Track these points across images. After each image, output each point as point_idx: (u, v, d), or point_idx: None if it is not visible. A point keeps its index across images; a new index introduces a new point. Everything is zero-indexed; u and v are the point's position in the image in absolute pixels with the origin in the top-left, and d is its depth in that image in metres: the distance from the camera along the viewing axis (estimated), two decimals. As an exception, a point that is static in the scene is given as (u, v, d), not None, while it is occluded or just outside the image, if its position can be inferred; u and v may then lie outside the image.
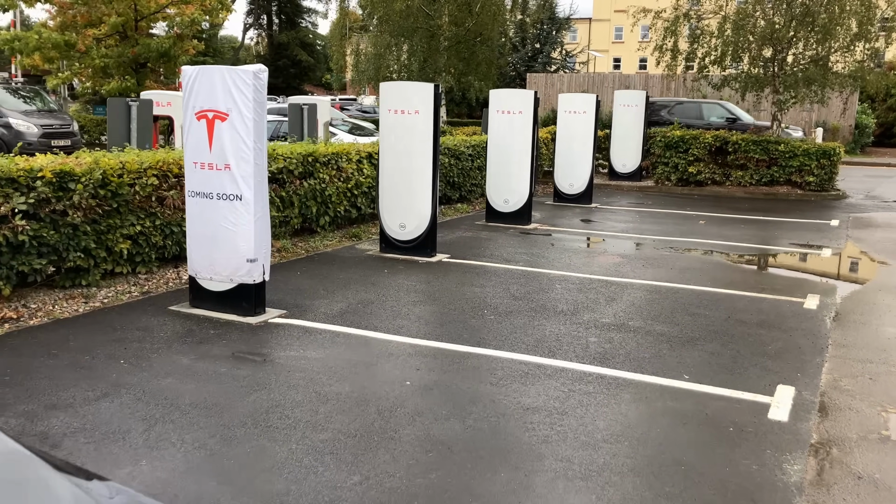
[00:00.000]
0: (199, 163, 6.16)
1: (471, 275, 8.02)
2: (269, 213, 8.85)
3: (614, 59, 71.94)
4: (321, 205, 9.75)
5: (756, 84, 16.24)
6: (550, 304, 6.84)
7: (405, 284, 7.52)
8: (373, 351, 5.48)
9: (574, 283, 7.74)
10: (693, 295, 7.34)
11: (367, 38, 19.74)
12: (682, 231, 11.21)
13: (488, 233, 10.77)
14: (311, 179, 9.50)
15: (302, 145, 9.69)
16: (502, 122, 11.24)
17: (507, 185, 11.37)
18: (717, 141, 15.91)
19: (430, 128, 8.55)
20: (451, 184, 13.06)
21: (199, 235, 6.32)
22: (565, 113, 13.79)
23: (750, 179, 15.80)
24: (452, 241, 9.97)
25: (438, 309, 6.66)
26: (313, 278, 7.71)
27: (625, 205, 14.22)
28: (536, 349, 5.55)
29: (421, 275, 7.98)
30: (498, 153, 11.34)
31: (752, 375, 5.15)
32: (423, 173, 8.66)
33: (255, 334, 5.81)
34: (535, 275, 8.09)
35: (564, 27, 34.41)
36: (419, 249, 8.83)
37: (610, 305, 6.86)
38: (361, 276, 7.85)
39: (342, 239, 9.85)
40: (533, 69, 32.26)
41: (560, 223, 11.81)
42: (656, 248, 9.84)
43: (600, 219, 12.46)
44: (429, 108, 8.52)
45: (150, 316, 6.24)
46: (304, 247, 9.26)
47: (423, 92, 8.54)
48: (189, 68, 6.14)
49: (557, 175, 14.06)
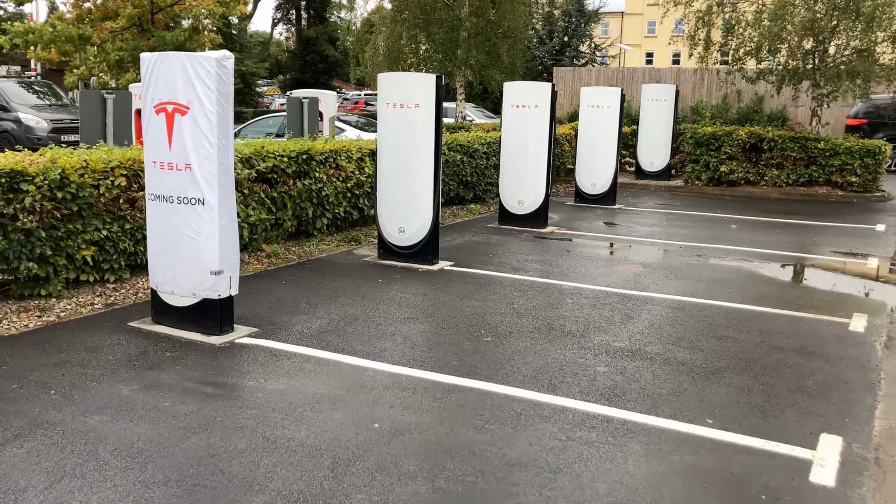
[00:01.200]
0: (158, 162, 5.47)
1: (473, 286, 7.25)
2: (260, 215, 8.22)
3: (647, 53, 70.48)
4: (317, 206, 9.03)
5: (794, 77, 15.21)
6: (558, 324, 6.05)
7: (398, 297, 6.77)
8: (345, 381, 4.74)
9: (588, 296, 6.93)
10: (721, 313, 6.49)
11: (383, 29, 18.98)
12: (712, 236, 10.31)
13: (499, 237, 9.98)
14: (305, 179, 8.79)
15: (296, 142, 8.98)
16: (517, 118, 10.44)
17: (521, 185, 10.57)
18: (751, 138, 14.92)
19: (431, 123, 7.79)
20: (465, 183, 12.28)
21: (159, 244, 5.63)
22: (588, 107, 12.93)
23: (786, 179, 14.79)
24: (459, 246, 9.20)
25: (429, 328, 5.90)
26: (298, 288, 6.99)
27: (651, 206, 13.32)
28: (535, 381, 4.77)
29: (418, 286, 7.22)
30: (512, 151, 10.54)
31: (789, 420, 4.31)
32: (423, 174, 7.90)
33: (214, 358, 5.10)
34: (545, 287, 7.29)
35: (594, 19, 33.33)
36: (419, 256, 8.08)
37: (626, 325, 6.04)
38: (352, 286, 7.12)
39: (340, 243, 9.13)
40: (560, 63, 31.27)
41: (579, 226, 10.98)
42: (682, 255, 8.98)
43: (623, 222, 11.59)
44: (430, 101, 7.76)
45: (106, 333, 5.57)
46: (297, 252, 8.56)
47: (424, 84, 7.78)
48: (147, 55, 5.45)
49: (579, 174, 13.21)
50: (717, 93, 25.53)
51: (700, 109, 25.44)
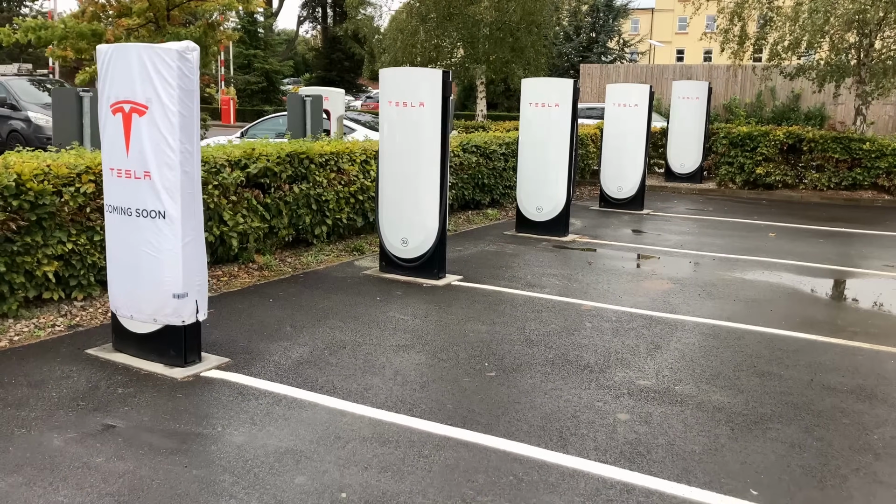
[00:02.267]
0: (116, 169, 4.79)
1: (481, 305, 6.49)
2: (252, 223, 7.54)
3: (677, 50, 69.02)
4: (316, 213, 8.33)
5: (837, 73, 14.22)
6: (574, 354, 5.27)
7: (395, 319, 6.03)
8: (316, 430, 4.02)
9: (610, 319, 6.14)
10: (762, 341, 5.66)
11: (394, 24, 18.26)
12: (748, 247, 9.44)
13: (516, 246, 9.20)
14: (303, 183, 8.09)
15: (294, 143, 8.29)
16: (536, 117, 9.65)
17: (540, 189, 9.78)
18: (789, 138, 13.96)
19: (437, 124, 7.05)
20: (481, 187, 11.52)
21: (117, 262, 4.95)
22: (614, 106, 12.10)
23: (827, 182, 13.81)
24: (470, 257, 8.45)
25: (426, 359, 5.16)
26: (286, 307, 6.29)
27: (682, 211, 12.44)
28: (543, 434, 4.01)
29: (419, 305, 6.49)
30: (530, 152, 9.75)
31: (854, 491, 3.50)
32: (429, 179, 7.16)
33: (172, 397, 4.41)
34: (563, 307, 6.51)
35: (622, 15, 32.35)
36: (424, 270, 7.34)
37: (652, 357, 5.25)
38: (346, 305, 6.40)
39: (341, 253, 8.42)
40: (588, 59, 30.36)
41: (603, 234, 10.16)
42: (716, 269, 8.13)
43: (652, 229, 10.75)
44: (436, 99, 7.02)
45: (57, 363, 4.91)
46: (292, 263, 7.87)
47: (430, 80, 7.03)
48: (103, 47, 4.77)
49: (604, 176, 12.38)
50: (751, 90, 24.50)
51: (733, 108, 24.42)
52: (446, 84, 7.03)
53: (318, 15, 76.71)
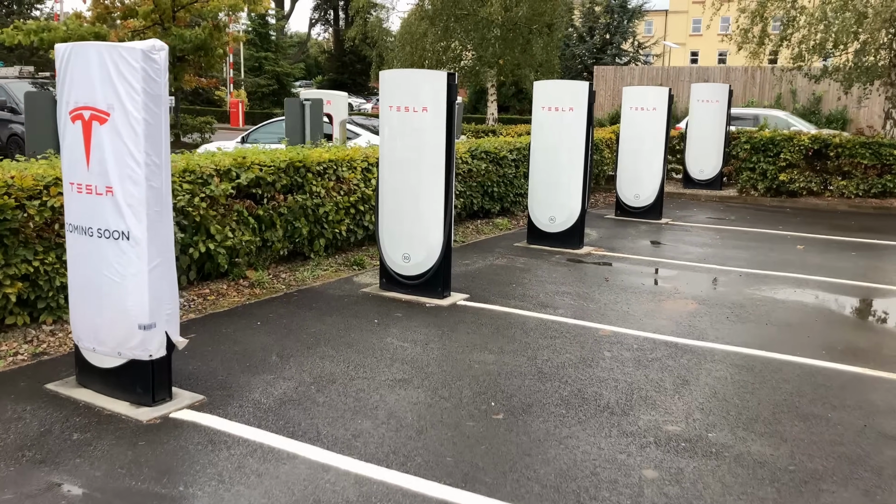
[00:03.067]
0: (76, 184, 4.26)
1: (489, 329, 5.92)
2: (242, 237, 7.00)
3: (691, 52, 68.28)
4: (314, 224, 7.79)
5: (866, 75, 13.55)
6: (592, 391, 4.69)
7: (393, 347, 5.47)
8: (293, 491, 3.46)
9: (630, 347, 5.55)
10: (804, 376, 5.06)
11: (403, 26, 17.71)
12: (776, 260, 8.81)
13: (527, 259, 8.62)
14: (299, 193, 7.56)
15: (290, 150, 7.75)
16: (549, 121, 9.08)
17: (553, 198, 9.20)
18: (815, 143, 13.30)
19: (441, 130, 6.48)
20: (490, 195, 10.95)
21: (79, 288, 4.42)
22: (631, 109, 11.50)
23: (855, 190, 13.15)
24: (478, 272, 7.87)
25: (425, 396, 4.59)
26: (274, 332, 5.74)
27: (702, 220, 11.82)
28: (556, 497, 3.43)
29: (420, 329, 5.92)
30: (542, 159, 9.17)
31: (933, 579, 2.91)
32: (432, 190, 6.60)
33: (133, 446, 3.86)
34: (578, 332, 5.93)
35: (637, 16, 31.68)
36: (428, 288, 6.77)
37: (680, 395, 4.66)
38: (341, 328, 5.84)
39: (340, 268, 7.87)
40: (602, 61, 29.72)
41: (620, 246, 9.56)
42: (744, 286, 7.53)
43: (671, 240, 10.14)
44: (440, 103, 6.45)
45: (11, 400, 4.37)
46: (287, 279, 7.33)
47: (433, 83, 6.47)
48: (62, 46, 4.23)
49: (620, 184, 11.78)
50: (770, 93, 23.82)
51: (752, 111, 23.71)
52: (451, 87, 6.46)
53: (331, 17, 76.42)
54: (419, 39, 16.49)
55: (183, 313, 6.14)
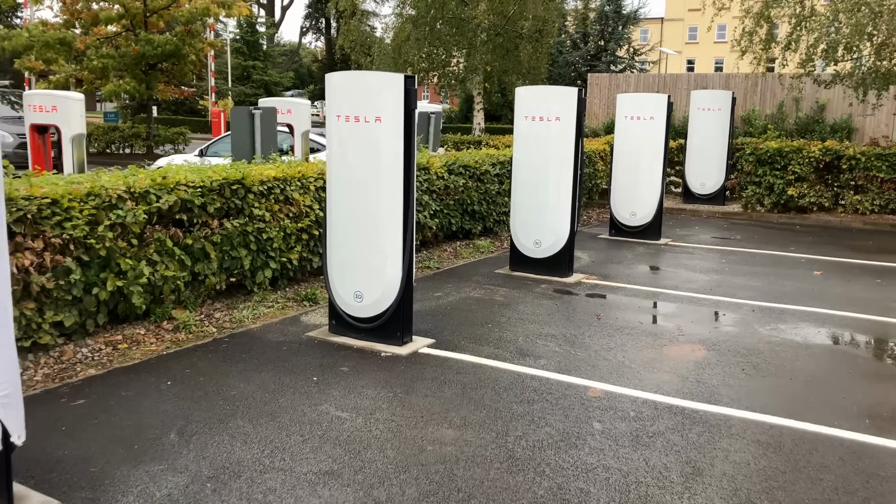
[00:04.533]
0: None
1: (453, 390, 4.81)
2: (165, 272, 5.89)
3: (688, 60, 67.57)
4: (257, 254, 6.69)
5: (881, 81, 12.51)
6: (576, 488, 3.58)
7: (329, 419, 4.35)
8: None
9: (627, 415, 4.44)
10: (846, 457, 3.95)
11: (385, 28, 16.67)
12: (792, 291, 7.73)
13: (508, 290, 7.52)
14: (237, 218, 6.45)
15: (226, 167, 6.64)
16: (533, 132, 8.00)
17: (538, 220, 8.11)
18: (826, 155, 12.25)
19: (397, 144, 5.39)
20: (471, 213, 9.86)
21: None
22: (626, 119, 10.44)
23: (870, 205, 12.09)
24: (450, 308, 6.77)
25: (354, 501, 3.46)
26: (184, 396, 4.62)
27: (705, 241, 10.74)
28: None
29: (368, 390, 4.80)
30: (526, 176, 8.10)
31: None
32: (389, 215, 5.50)
33: None
34: (563, 392, 4.82)
35: (632, 22, 30.70)
36: (385, 332, 5.66)
37: (691, 494, 3.55)
38: (268, 391, 4.73)
39: (288, 304, 6.76)
40: (596, 69, 28.71)
41: (615, 273, 8.47)
42: (758, 324, 6.43)
43: (672, 265, 9.05)
44: (396, 112, 5.36)
45: None
46: (222, 320, 6.21)
47: (389, 87, 5.38)
48: None
49: (615, 201, 10.70)
50: (772, 100, 22.81)
51: (753, 119, 22.73)
52: (410, 92, 5.37)
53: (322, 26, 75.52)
54: (402, 44, 15.44)
55: (81, 369, 5.04)
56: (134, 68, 20.65)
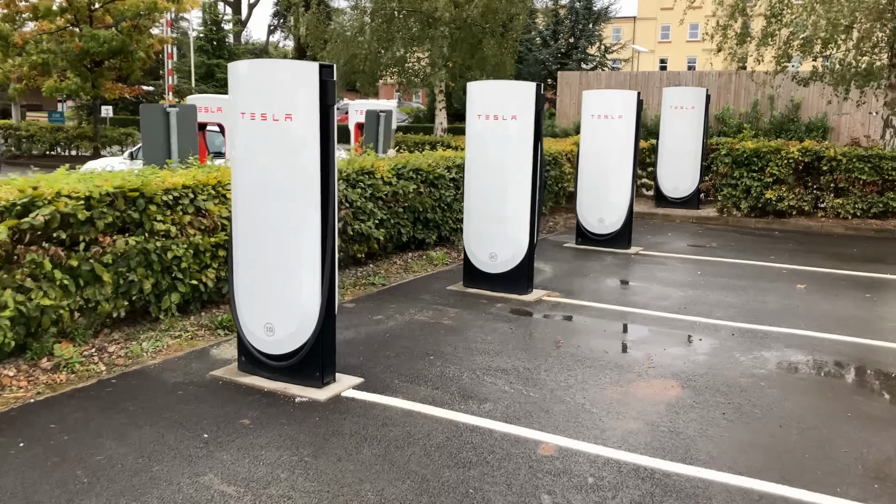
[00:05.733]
0: None
1: (374, 451, 3.92)
2: (41, 300, 4.94)
3: (660, 59, 67.35)
4: (162, 275, 5.74)
5: (863, 78, 11.83)
6: None
7: (210, 496, 3.44)
8: None
9: (584, 483, 3.59)
10: (859, 545, 3.13)
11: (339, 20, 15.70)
12: (775, 309, 6.95)
13: (459, 311, 6.65)
14: (135, 234, 5.51)
15: (120, 174, 5.69)
16: (486, 133, 7.15)
17: (493, 230, 7.26)
18: (805, 156, 11.55)
19: (313, 145, 4.50)
20: (424, 222, 8.99)
21: None
22: (592, 117, 9.62)
23: (852, 209, 11.40)
24: (390, 335, 5.88)
25: None
26: (35, 464, 3.68)
27: (679, 249, 9.95)
28: None
29: (270, 452, 3.89)
30: (479, 182, 7.24)
31: None
32: (303, 233, 4.60)
33: None
34: (508, 449, 3.95)
35: (603, 19, 30.00)
36: (302, 371, 4.77)
37: None
38: (144, 454, 3.81)
39: (199, 332, 5.82)
40: (567, 67, 27.97)
41: (579, 289, 7.63)
42: (739, 352, 5.63)
43: (643, 278, 8.24)
44: (311, 108, 4.47)
45: None
46: (115, 354, 5.27)
47: (299, 79, 4.48)
48: None
49: (582, 207, 9.88)
50: (746, 99, 22.22)
51: (727, 118, 22.12)
52: (326, 84, 4.48)
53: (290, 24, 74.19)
54: (355, 37, 14.49)
55: (-82, 425, 4.08)
56: (78, 65, 19.50)
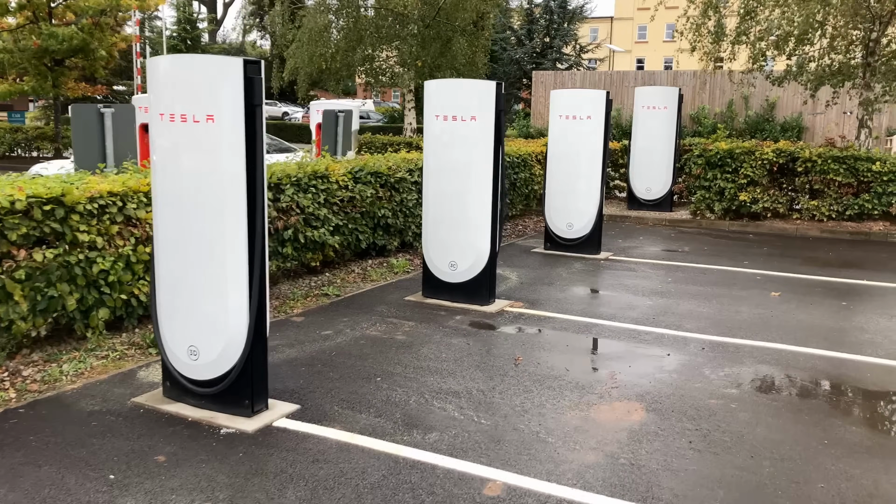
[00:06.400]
0: None
1: (301, 492, 3.50)
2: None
3: (637, 59, 67.46)
4: (87, 290, 5.28)
5: (838, 77, 11.56)
6: None
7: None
8: None
9: (531, 529, 3.19)
10: None
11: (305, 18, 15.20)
12: (748, 319, 6.60)
13: (415, 325, 6.24)
14: (55, 246, 5.04)
15: (37, 181, 5.22)
16: (445, 134, 6.75)
17: (453, 237, 6.86)
18: (780, 157, 11.26)
19: (239, 150, 4.06)
20: (384, 228, 8.57)
21: None
22: (561, 118, 9.25)
23: (828, 211, 11.13)
24: (336, 353, 5.45)
25: None
26: None
27: (650, 254, 9.61)
28: None
29: (181, 497, 3.45)
30: (438, 186, 6.84)
31: None
32: (230, 247, 4.16)
33: None
34: (449, 489, 3.55)
35: (578, 18, 29.69)
36: (230, 398, 4.33)
37: None
38: (37, 502, 3.36)
39: (127, 352, 5.36)
40: (542, 66, 27.65)
41: (545, 298, 7.25)
42: (710, 369, 5.27)
43: (611, 286, 7.88)
44: (235, 109, 4.03)
45: None
46: (31, 378, 4.81)
47: (221, 76, 4.04)
48: None
49: (550, 210, 9.50)
50: (721, 99, 22.04)
51: (702, 118, 21.91)
52: (252, 83, 4.05)
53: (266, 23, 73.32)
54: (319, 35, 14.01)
55: None
56: (37, 63, 18.85)
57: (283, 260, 7.15)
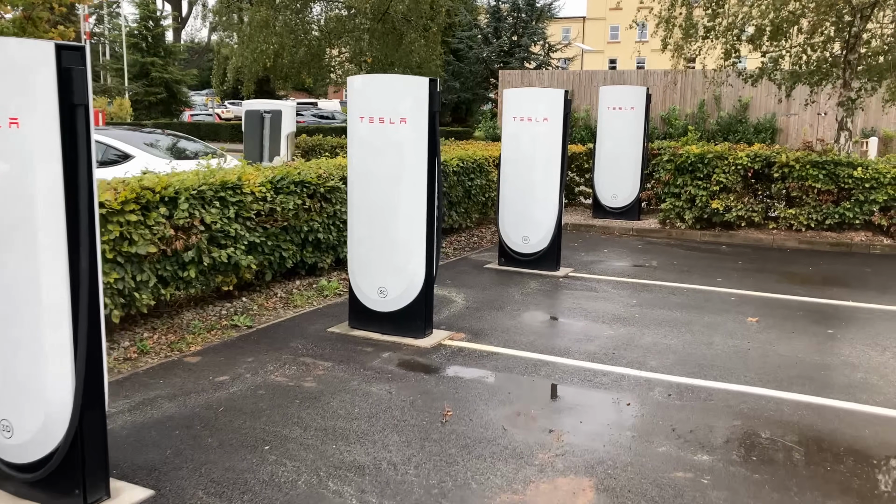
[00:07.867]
0: None
1: None
2: None
3: (610, 60, 66.93)
4: None
5: (816, 75, 10.76)
6: None
7: None
8: None
9: None
10: None
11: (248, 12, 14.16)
12: (720, 351, 5.71)
13: (332, 365, 5.25)
14: None
15: None
16: (372, 140, 5.78)
17: (381, 258, 5.89)
18: (755, 162, 10.43)
19: (54, 159, 3.06)
20: (314, 243, 7.57)
21: None
22: (514, 120, 8.32)
23: (806, 220, 10.32)
24: (223, 410, 4.45)
25: None
26: None
27: (614, 270, 8.71)
28: None
29: None
30: (365, 199, 5.87)
31: None
32: (44, 287, 3.15)
33: None
34: None
35: (545, 16, 28.85)
36: (54, 485, 3.32)
37: None
38: None
39: None
40: (509, 65, 26.78)
41: (490, 328, 6.29)
42: (675, 423, 4.35)
43: (567, 312, 6.96)
44: (47, 109, 3.04)
45: None
46: None
47: (29, 67, 3.03)
48: None
49: (504, 221, 8.56)
50: (693, 99, 21.35)
51: (672, 119, 21.20)
52: (71, 74, 3.04)
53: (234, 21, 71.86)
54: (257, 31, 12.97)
55: None
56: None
57: (185, 286, 6.13)
